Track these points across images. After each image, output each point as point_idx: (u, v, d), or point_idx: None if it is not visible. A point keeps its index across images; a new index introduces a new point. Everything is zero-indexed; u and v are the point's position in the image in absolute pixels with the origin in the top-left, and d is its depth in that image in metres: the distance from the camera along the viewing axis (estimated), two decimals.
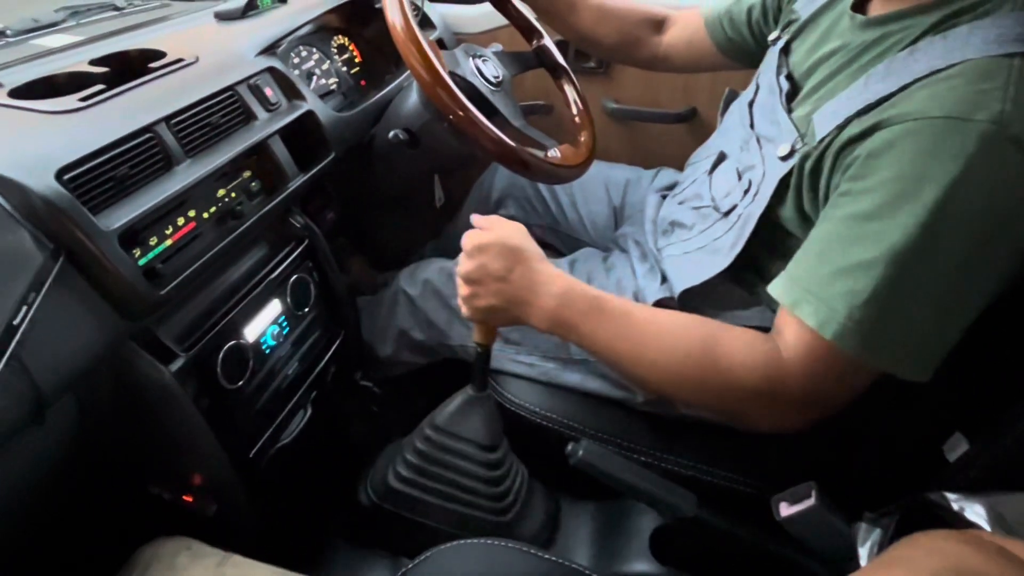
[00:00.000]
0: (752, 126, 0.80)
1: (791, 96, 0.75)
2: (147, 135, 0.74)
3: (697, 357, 0.65)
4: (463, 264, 0.74)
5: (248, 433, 0.87)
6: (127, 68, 0.86)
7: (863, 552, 0.66)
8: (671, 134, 1.45)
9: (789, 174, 0.69)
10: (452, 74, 0.92)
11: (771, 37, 0.87)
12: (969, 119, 0.53)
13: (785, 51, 0.81)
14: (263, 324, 0.89)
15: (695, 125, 1.43)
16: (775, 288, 0.64)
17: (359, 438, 1.11)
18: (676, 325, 0.68)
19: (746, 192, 0.77)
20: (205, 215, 0.82)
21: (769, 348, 0.63)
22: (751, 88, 0.87)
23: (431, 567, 0.73)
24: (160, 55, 0.90)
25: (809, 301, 0.60)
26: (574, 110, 1.16)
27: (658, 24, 1.12)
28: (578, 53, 1.45)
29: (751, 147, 0.78)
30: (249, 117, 0.91)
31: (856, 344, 0.58)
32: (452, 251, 1.30)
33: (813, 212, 0.68)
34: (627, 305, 0.70)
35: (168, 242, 0.76)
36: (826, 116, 0.65)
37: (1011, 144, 0.53)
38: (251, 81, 0.93)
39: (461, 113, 0.89)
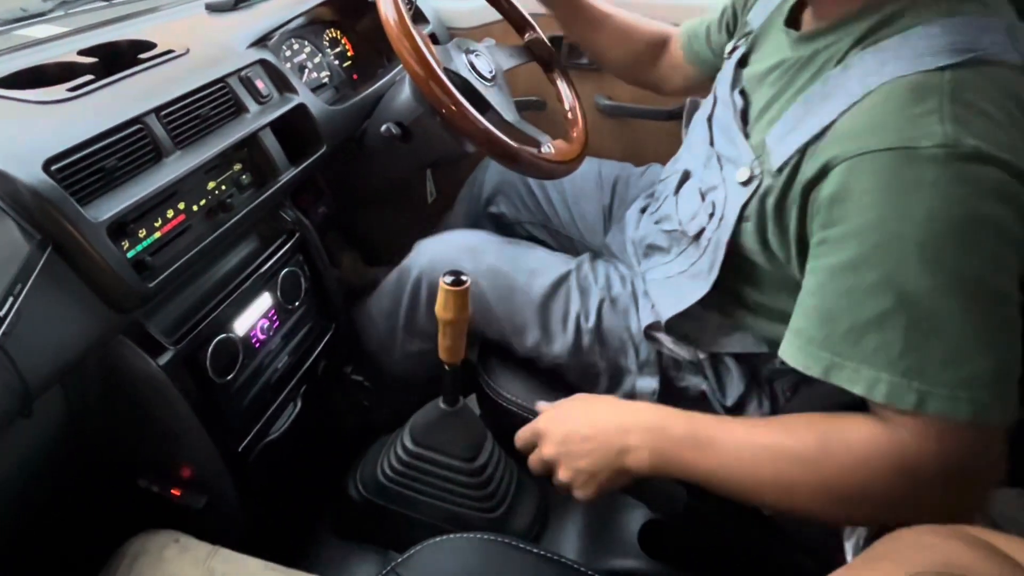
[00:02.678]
0: (712, 143, 0.79)
1: (744, 114, 0.74)
2: (136, 126, 0.74)
3: (812, 460, 0.57)
4: (546, 448, 0.71)
5: (237, 426, 0.86)
6: (116, 59, 0.86)
7: (849, 545, 0.66)
8: (664, 131, 1.45)
9: (749, 201, 0.68)
10: (445, 69, 0.92)
11: (727, 49, 0.86)
12: (915, 147, 0.52)
13: (741, 63, 0.81)
14: (253, 317, 0.89)
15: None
16: (787, 354, 0.60)
17: (349, 432, 1.11)
18: (782, 433, 0.61)
19: (711, 215, 0.75)
20: (195, 207, 0.81)
21: (886, 430, 0.56)
22: (709, 100, 0.85)
23: (420, 561, 0.73)
24: (150, 46, 0.89)
25: (841, 366, 0.56)
26: (566, 105, 1.16)
27: (661, 45, 1.11)
28: (571, 49, 1.44)
29: (712, 165, 0.77)
30: (240, 109, 0.90)
31: (911, 400, 0.53)
32: None
33: (780, 250, 0.66)
34: (724, 425, 0.64)
35: (157, 234, 0.76)
36: (776, 140, 0.64)
37: (965, 161, 0.51)
38: (242, 73, 0.92)
39: (454, 108, 0.88)
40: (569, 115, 1.15)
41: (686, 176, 0.85)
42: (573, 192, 1.20)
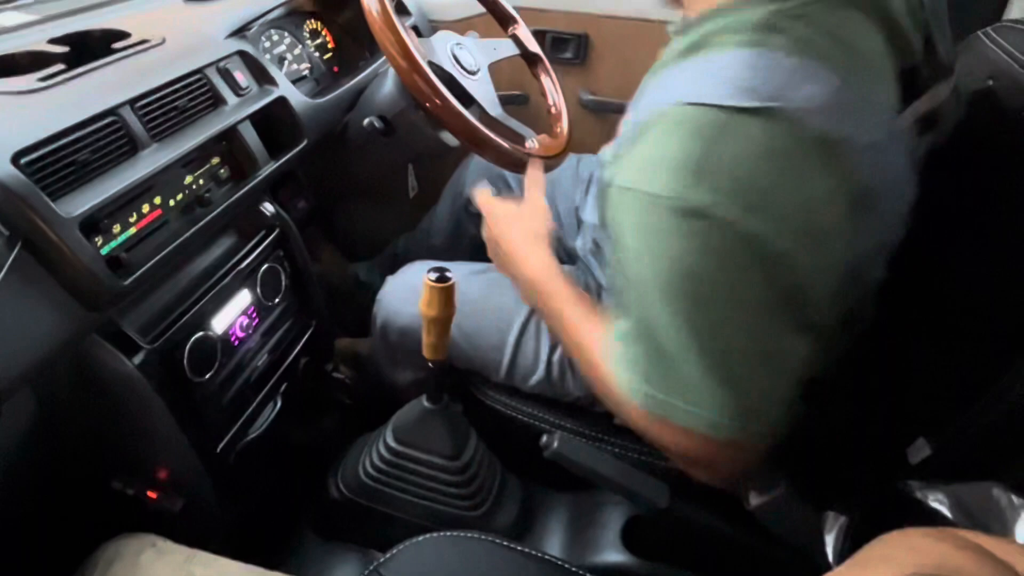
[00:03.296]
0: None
1: None
2: (111, 118, 0.72)
3: (592, 360, 0.70)
4: (485, 231, 0.87)
5: (216, 427, 0.84)
6: (89, 49, 0.83)
7: (830, 539, 0.67)
8: (611, 123, 1.44)
9: None
10: (429, 62, 0.91)
11: None
12: (658, 195, 0.52)
13: None
14: (232, 315, 0.87)
15: None
16: (611, 351, 0.65)
17: (330, 430, 1.10)
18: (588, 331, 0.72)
19: None
20: (172, 202, 0.79)
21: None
22: None
23: (404, 560, 0.72)
24: (124, 35, 0.87)
25: (621, 364, 0.63)
26: (550, 100, 1.16)
27: None
28: (555, 42, 1.43)
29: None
30: (218, 101, 0.88)
31: (654, 408, 0.60)
32: (427, 246, 1.32)
33: None
34: (567, 308, 0.75)
35: (132, 230, 0.74)
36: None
37: (692, 218, 0.51)
38: (220, 64, 0.90)
39: (438, 101, 0.87)
40: (553, 110, 1.15)
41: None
42: (559, 189, 1.19)
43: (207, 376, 0.81)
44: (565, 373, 0.91)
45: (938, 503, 0.60)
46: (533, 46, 1.17)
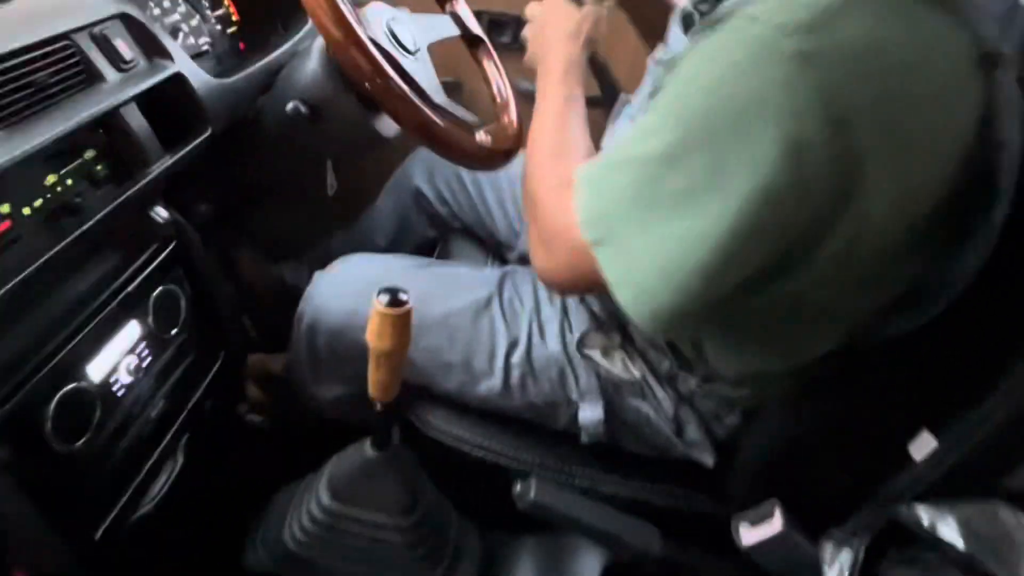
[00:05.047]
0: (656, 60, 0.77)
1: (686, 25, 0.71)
2: None
3: (552, 147, 0.69)
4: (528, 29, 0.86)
5: (95, 505, 0.65)
6: None
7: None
8: (589, 119, 1.35)
9: None
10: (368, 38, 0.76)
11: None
12: (756, 19, 0.48)
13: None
14: (115, 356, 0.67)
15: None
16: (579, 169, 0.61)
17: (246, 487, 0.91)
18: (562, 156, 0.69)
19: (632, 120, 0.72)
20: (27, 210, 0.61)
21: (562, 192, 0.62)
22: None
23: None
24: None
25: (589, 187, 0.58)
26: (495, 87, 1.04)
27: None
28: (492, 24, 1.32)
29: (647, 81, 0.75)
30: (93, 78, 0.70)
31: (594, 235, 0.55)
32: (368, 246, 1.19)
33: None
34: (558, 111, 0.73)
35: None
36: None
37: (783, 57, 0.46)
38: (95, 30, 0.71)
39: (379, 81, 0.74)
40: (498, 99, 1.03)
41: (624, 102, 0.83)
42: (497, 188, 1.12)
43: (80, 442, 0.62)
44: (525, 377, 0.82)
45: (949, 531, 0.57)
46: (475, 27, 1.06)
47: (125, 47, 0.74)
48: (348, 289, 0.86)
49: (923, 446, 0.63)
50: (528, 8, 0.86)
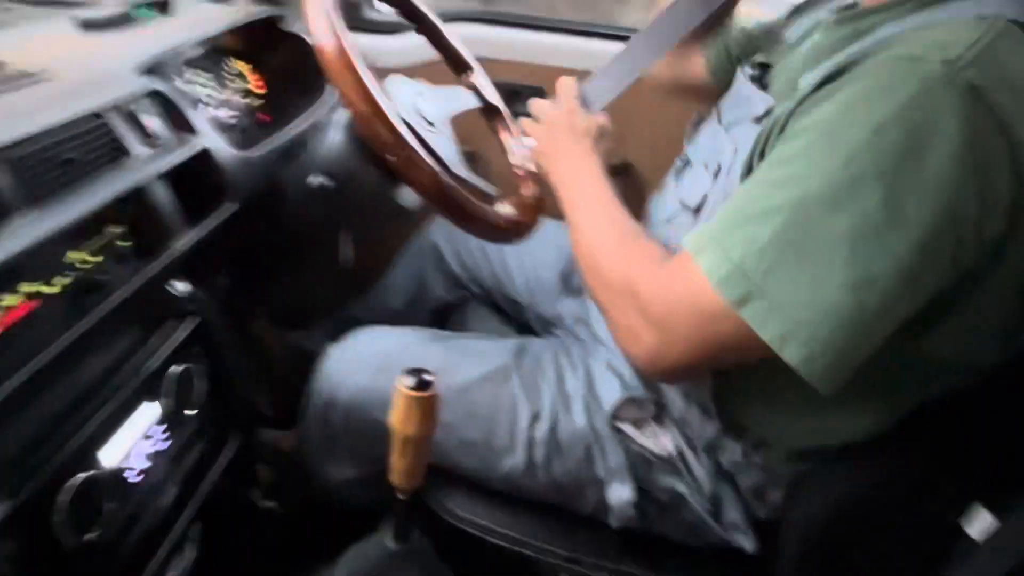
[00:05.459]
0: (720, 121, 0.76)
1: (760, 80, 0.73)
2: None
3: (615, 239, 0.68)
4: (534, 131, 0.87)
5: None
6: None
7: None
8: (615, 185, 1.36)
9: (762, 135, 0.62)
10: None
11: (754, 59, 0.81)
12: (920, 59, 0.50)
13: (761, 67, 0.77)
14: (129, 440, 0.64)
15: (629, 181, 1.33)
16: (687, 239, 0.59)
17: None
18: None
19: (716, 175, 0.69)
20: (48, 288, 0.59)
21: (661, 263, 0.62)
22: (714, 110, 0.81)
23: None
24: None
25: (712, 248, 0.55)
26: (513, 158, 1.04)
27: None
28: (509, 95, 1.32)
29: (718, 139, 0.72)
30: (121, 153, 0.70)
31: (737, 293, 0.52)
32: (384, 310, 1.19)
33: None
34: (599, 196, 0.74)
35: None
36: (806, 79, 0.61)
37: (956, 90, 0.48)
38: (126, 106, 0.71)
39: (404, 153, 0.74)
40: (517, 169, 1.03)
41: (687, 162, 0.80)
42: (529, 255, 1.10)
43: (90, 536, 0.58)
44: (550, 455, 0.78)
45: None
46: (494, 97, 1.07)
47: (153, 123, 0.74)
48: (362, 364, 0.84)
49: (978, 522, 0.59)
50: (535, 106, 0.87)
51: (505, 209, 0.88)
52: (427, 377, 0.61)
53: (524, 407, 0.80)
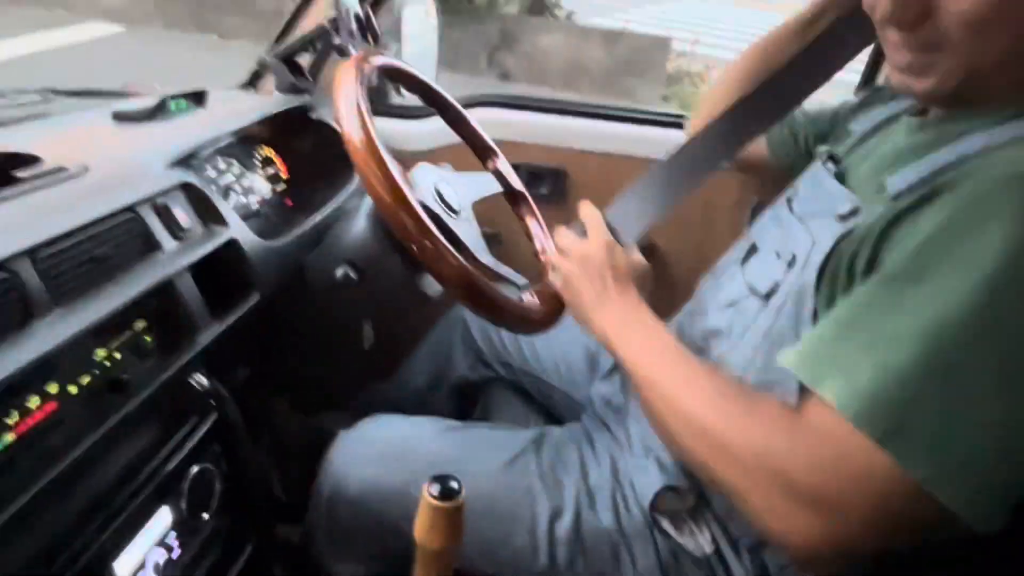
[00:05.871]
0: (791, 210, 0.73)
1: (840, 176, 0.69)
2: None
3: (723, 405, 0.58)
4: (563, 266, 0.77)
5: None
6: None
7: None
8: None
9: (848, 234, 0.59)
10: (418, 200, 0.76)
11: (820, 149, 0.80)
12: None
13: (833, 160, 0.75)
14: (143, 549, 0.61)
15: (655, 261, 1.33)
16: (788, 360, 0.54)
17: None
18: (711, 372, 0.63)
19: (790, 265, 0.65)
20: (73, 388, 0.57)
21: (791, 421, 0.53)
22: (783, 194, 0.79)
23: None
24: (33, 160, 0.66)
25: (833, 376, 0.50)
26: (538, 244, 1.04)
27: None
28: (530, 177, 1.33)
29: (793, 229, 0.69)
30: (151, 248, 0.69)
31: (880, 428, 0.47)
32: (403, 396, 1.16)
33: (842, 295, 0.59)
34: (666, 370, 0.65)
35: (9, 437, 0.50)
36: (899, 178, 0.58)
37: None
38: (158, 200, 0.71)
39: (429, 244, 0.72)
40: (542, 256, 1.02)
41: (753, 249, 0.76)
42: (555, 335, 1.05)
43: None
44: (574, 556, 0.74)
45: None
46: (517, 183, 1.07)
47: (184, 216, 0.74)
48: (371, 454, 0.81)
49: None
50: (562, 239, 0.79)
51: (529, 299, 0.87)
52: (453, 484, 0.58)
53: (544, 502, 0.76)
